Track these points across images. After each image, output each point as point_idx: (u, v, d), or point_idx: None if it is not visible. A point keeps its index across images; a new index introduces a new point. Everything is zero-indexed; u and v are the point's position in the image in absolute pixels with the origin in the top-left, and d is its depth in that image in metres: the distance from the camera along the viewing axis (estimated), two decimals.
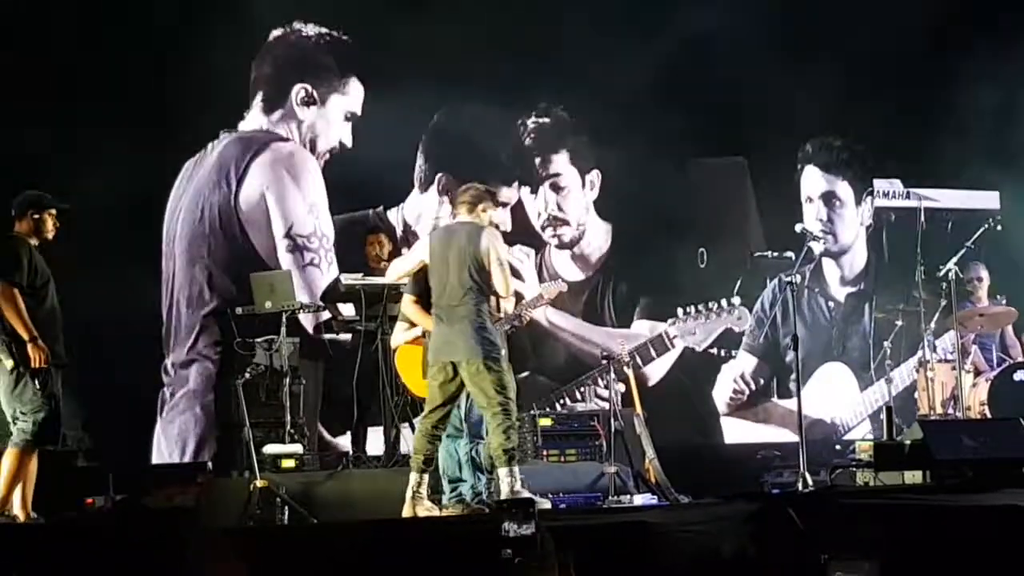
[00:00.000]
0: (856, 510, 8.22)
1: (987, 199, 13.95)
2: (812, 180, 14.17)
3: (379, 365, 10.44)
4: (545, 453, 10.61)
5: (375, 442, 10.93)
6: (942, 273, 11.58)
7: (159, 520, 9.23)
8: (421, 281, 8.94)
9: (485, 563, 7.11)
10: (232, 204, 12.08)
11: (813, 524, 7.75)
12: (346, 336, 11.30)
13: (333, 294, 10.72)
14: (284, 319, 10.39)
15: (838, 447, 12.08)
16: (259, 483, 9.14)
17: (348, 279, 10.55)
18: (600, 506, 9.57)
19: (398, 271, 9.30)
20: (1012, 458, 9.40)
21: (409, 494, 8.65)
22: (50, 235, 8.78)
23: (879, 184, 14.21)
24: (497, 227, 9.04)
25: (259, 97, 12.40)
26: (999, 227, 12.45)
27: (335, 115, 12.51)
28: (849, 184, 14.20)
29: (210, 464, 11.02)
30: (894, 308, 12.35)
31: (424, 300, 8.90)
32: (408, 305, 9.10)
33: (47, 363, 8.42)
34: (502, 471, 8.56)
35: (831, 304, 14.04)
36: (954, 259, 11.65)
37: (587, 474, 10.15)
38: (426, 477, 8.72)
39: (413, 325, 9.29)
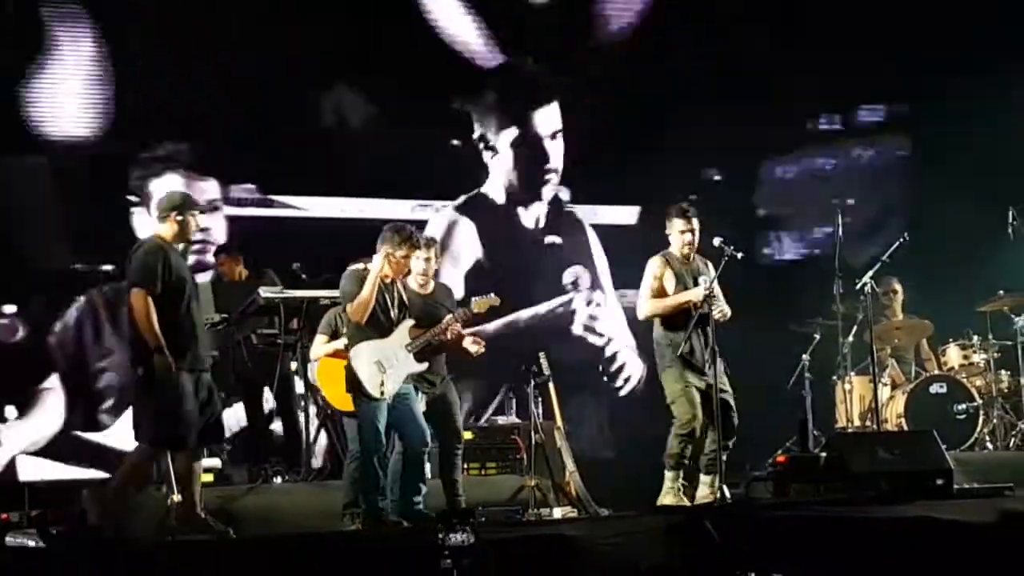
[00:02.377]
0: (772, 523, 8.30)
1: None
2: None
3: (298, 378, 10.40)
4: (466, 466, 10.61)
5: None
6: (858, 287, 11.64)
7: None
8: (334, 322, 9.28)
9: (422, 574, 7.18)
10: None
11: (729, 537, 7.81)
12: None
13: (251, 308, 10.61)
14: None
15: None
16: (176, 498, 9.04)
17: (266, 292, 10.45)
18: (520, 519, 9.58)
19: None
20: (927, 470, 9.51)
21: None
22: (193, 237, 8.76)
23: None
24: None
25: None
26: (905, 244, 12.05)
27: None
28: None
29: None
30: (812, 322, 12.37)
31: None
32: (319, 347, 9.41)
33: (170, 370, 8.25)
34: (667, 473, 9.30)
35: None
36: (870, 272, 11.69)
37: (507, 487, 10.17)
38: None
39: (332, 338, 9.27)
